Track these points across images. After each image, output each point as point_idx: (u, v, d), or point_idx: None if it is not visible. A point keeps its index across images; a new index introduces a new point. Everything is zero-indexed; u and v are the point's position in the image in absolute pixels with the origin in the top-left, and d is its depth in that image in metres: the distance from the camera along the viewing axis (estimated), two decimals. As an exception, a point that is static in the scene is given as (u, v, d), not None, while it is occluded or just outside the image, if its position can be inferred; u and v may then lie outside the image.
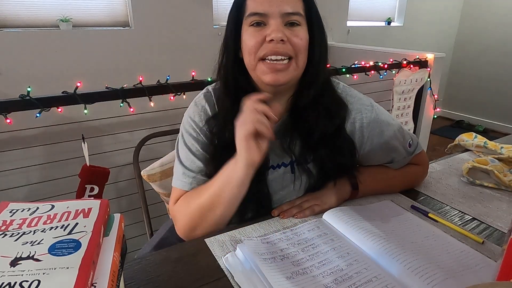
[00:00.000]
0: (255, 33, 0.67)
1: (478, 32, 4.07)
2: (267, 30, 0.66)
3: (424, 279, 0.53)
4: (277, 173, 0.77)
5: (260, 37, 0.67)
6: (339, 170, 0.77)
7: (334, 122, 0.73)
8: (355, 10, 3.38)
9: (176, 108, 1.50)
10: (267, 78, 0.68)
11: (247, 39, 0.68)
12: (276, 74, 0.67)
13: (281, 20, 0.66)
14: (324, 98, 0.73)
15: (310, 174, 0.76)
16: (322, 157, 0.74)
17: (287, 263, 0.58)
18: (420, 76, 2.21)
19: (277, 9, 0.66)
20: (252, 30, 0.68)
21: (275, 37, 0.65)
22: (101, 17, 2.20)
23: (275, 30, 0.65)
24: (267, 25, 0.67)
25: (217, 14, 2.52)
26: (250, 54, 0.68)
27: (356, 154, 0.78)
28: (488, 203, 0.81)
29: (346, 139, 0.76)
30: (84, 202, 0.50)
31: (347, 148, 0.76)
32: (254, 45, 0.67)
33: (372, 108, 0.78)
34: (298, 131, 0.74)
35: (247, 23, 0.68)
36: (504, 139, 1.23)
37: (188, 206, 0.74)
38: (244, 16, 0.69)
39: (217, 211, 0.70)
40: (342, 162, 0.75)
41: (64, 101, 1.29)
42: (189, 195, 0.76)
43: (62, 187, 1.60)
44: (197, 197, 0.73)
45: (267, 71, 0.68)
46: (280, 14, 0.66)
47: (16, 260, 0.38)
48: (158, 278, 0.57)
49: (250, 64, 0.70)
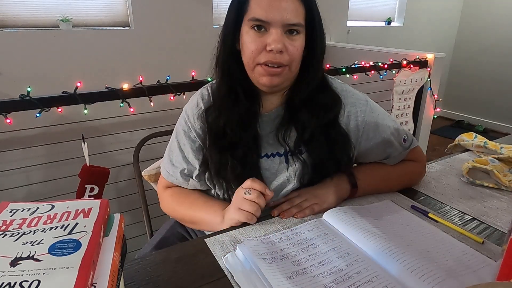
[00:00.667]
0: (256, 38, 0.69)
1: (478, 32, 4.07)
2: (268, 38, 0.68)
3: (424, 279, 0.53)
4: (271, 161, 0.79)
5: (261, 44, 0.69)
6: (335, 163, 0.78)
7: (327, 116, 0.76)
8: (355, 10, 3.38)
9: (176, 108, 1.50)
10: (263, 80, 0.72)
11: (248, 42, 0.70)
12: (271, 77, 0.71)
13: (282, 29, 0.68)
14: (319, 95, 0.77)
15: (304, 164, 0.78)
16: (316, 148, 0.76)
17: (287, 263, 0.58)
18: (420, 76, 2.21)
19: (280, 19, 0.67)
20: (253, 34, 0.70)
21: (275, 48, 0.68)
22: (101, 17, 2.20)
23: (276, 41, 0.68)
24: (268, 32, 0.69)
25: (217, 14, 2.52)
26: (250, 58, 0.71)
27: (352, 146, 0.79)
28: (488, 203, 0.81)
29: (340, 131, 0.78)
30: (84, 202, 0.50)
31: (341, 140, 0.78)
32: (254, 51, 0.70)
33: (366, 103, 0.81)
34: (293, 123, 0.77)
35: (248, 24, 0.70)
36: (504, 139, 1.23)
37: (174, 205, 0.84)
38: (247, 16, 0.70)
39: (197, 226, 0.84)
40: (337, 153, 0.77)
41: (64, 101, 1.29)
42: (179, 197, 0.84)
43: (62, 187, 1.60)
44: (183, 206, 0.83)
45: (264, 73, 0.71)
46: (282, 24, 0.68)
47: (16, 260, 0.38)
48: (158, 278, 0.57)
49: (248, 65, 0.73)
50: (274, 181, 0.79)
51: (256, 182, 0.69)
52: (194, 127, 0.80)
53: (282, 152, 0.79)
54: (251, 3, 0.69)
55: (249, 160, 0.76)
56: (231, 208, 0.72)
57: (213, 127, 0.77)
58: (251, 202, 0.69)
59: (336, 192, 0.78)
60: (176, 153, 0.82)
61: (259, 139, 0.78)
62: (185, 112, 0.82)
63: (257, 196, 0.69)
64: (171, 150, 0.84)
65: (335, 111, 0.77)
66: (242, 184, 0.71)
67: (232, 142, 0.75)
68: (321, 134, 0.76)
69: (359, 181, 0.80)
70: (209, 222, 0.77)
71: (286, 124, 0.77)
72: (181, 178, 0.82)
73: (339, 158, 0.78)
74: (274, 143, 0.79)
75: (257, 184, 0.69)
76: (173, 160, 0.83)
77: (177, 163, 0.82)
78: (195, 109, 0.80)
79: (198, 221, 0.80)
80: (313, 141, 0.76)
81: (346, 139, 0.78)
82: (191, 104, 0.82)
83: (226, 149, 0.75)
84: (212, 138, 0.77)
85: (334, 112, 0.77)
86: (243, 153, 0.75)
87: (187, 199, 0.82)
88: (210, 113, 0.78)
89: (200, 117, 0.79)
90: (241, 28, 0.72)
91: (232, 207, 0.72)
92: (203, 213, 0.79)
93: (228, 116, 0.74)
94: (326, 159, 0.77)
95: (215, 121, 0.76)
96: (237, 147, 0.75)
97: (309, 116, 0.75)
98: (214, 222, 0.75)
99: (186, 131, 0.81)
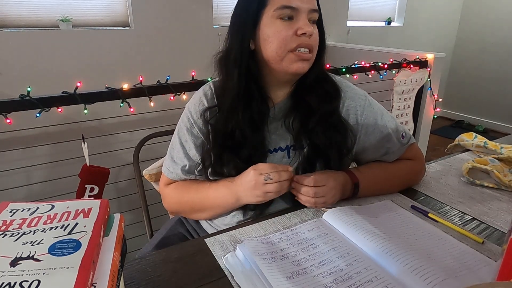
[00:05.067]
0: (286, 26, 0.71)
1: (478, 32, 4.07)
2: (297, 24, 0.71)
3: (424, 279, 0.53)
4: (274, 157, 0.80)
5: (291, 30, 0.71)
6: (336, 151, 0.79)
7: (332, 103, 0.78)
8: (355, 10, 3.38)
9: (176, 108, 1.50)
10: (295, 66, 0.73)
11: (277, 31, 0.72)
12: (302, 63, 0.73)
13: (307, 15, 0.72)
14: (323, 82, 0.79)
15: (305, 159, 0.79)
16: (319, 134, 0.77)
17: (287, 263, 0.58)
18: (420, 76, 2.21)
19: (307, 5, 0.71)
20: (281, 23, 0.72)
21: (308, 31, 0.71)
22: (101, 17, 2.20)
23: (307, 25, 0.71)
24: (295, 19, 0.71)
25: (217, 14, 2.52)
26: (280, 46, 0.72)
27: (351, 135, 0.80)
28: (488, 203, 0.81)
29: (340, 120, 0.80)
30: (84, 202, 0.50)
31: (342, 127, 0.79)
32: (286, 38, 0.71)
33: (365, 98, 0.83)
34: (299, 111, 0.79)
35: (274, 15, 0.71)
36: (504, 139, 1.23)
37: (181, 196, 0.83)
38: (270, 9, 0.71)
39: (205, 213, 0.82)
40: (337, 140, 0.78)
41: (64, 101, 1.29)
42: (183, 186, 0.83)
43: (62, 187, 1.61)
44: (191, 192, 0.81)
45: (296, 59, 0.72)
46: (308, 10, 0.71)
47: (16, 260, 0.38)
48: (158, 278, 0.57)
49: (277, 55, 0.73)
50: None
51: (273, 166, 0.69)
52: (197, 124, 0.80)
53: (284, 146, 0.80)
54: None
55: (254, 160, 0.76)
56: (249, 190, 0.71)
57: (218, 128, 0.77)
58: (275, 184, 0.69)
59: (341, 194, 0.78)
60: (177, 150, 0.83)
61: (266, 136, 0.79)
62: (187, 109, 0.83)
63: (278, 178, 0.69)
64: (173, 148, 0.84)
65: (337, 100, 0.80)
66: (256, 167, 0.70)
67: (238, 143, 0.75)
68: (324, 122, 0.77)
69: (361, 185, 0.80)
70: (221, 203, 0.77)
71: (293, 112, 0.79)
72: (182, 175, 0.82)
73: (340, 146, 0.79)
74: (276, 138, 0.80)
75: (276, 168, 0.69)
76: (174, 157, 0.83)
77: (178, 160, 0.82)
78: (198, 106, 0.81)
79: (208, 206, 0.79)
80: (315, 130, 0.77)
81: (346, 128, 0.80)
82: (193, 101, 0.82)
83: (232, 148, 0.76)
84: (216, 139, 0.77)
85: (337, 101, 0.80)
86: (249, 153, 0.76)
87: (192, 186, 0.82)
88: (213, 112, 0.78)
89: (203, 114, 0.79)
90: (260, 23, 0.73)
91: (251, 191, 0.71)
92: (214, 192, 0.78)
93: (239, 118, 0.74)
94: (327, 148, 0.78)
95: (221, 122, 0.76)
96: (243, 148, 0.75)
97: (317, 100, 0.77)
98: (228, 203, 0.76)
99: (189, 128, 0.81)
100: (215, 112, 0.78)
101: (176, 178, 0.84)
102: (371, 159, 0.86)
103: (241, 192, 0.72)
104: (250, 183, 0.70)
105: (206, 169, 0.79)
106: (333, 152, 0.78)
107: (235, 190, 0.73)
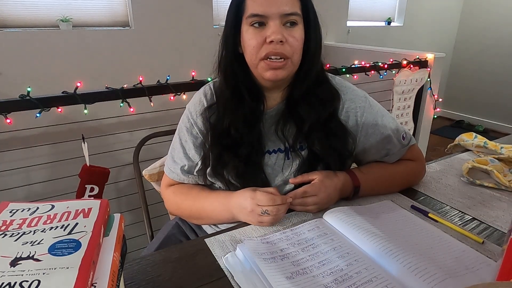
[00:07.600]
0: (256, 34, 0.71)
1: (478, 32, 4.07)
2: (267, 31, 0.70)
3: (424, 279, 0.53)
4: (273, 158, 0.80)
5: (261, 38, 0.70)
6: (336, 156, 0.78)
7: (326, 110, 0.77)
8: (355, 10, 3.38)
9: (176, 108, 1.50)
10: (267, 74, 0.73)
11: (249, 39, 0.72)
12: (275, 71, 0.72)
13: (280, 21, 0.70)
14: (317, 89, 0.78)
15: (304, 160, 0.79)
16: (316, 142, 0.77)
17: (287, 263, 0.58)
18: (420, 76, 2.21)
19: (276, 11, 0.69)
20: (252, 31, 0.71)
21: (275, 39, 0.69)
22: (101, 17, 2.20)
23: (275, 32, 0.69)
24: (267, 26, 0.70)
25: (217, 14, 2.52)
26: (252, 54, 0.72)
27: (351, 140, 0.79)
28: (488, 203, 0.81)
29: (339, 125, 0.79)
30: (84, 202, 0.50)
31: (340, 132, 0.78)
32: (256, 46, 0.71)
33: (365, 99, 0.83)
34: (293, 118, 0.78)
35: (247, 22, 0.71)
36: (504, 139, 1.23)
37: (179, 202, 0.84)
38: (244, 16, 0.72)
39: (203, 221, 0.84)
40: (337, 146, 0.78)
41: (64, 101, 1.29)
42: (182, 193, 0.83)
43: (62, 187, 1.61)
44: (189, 200, 0.82)
45: (267, 68, 0.72)
46: (279, 15, 0.69)
47: (16, 260, 0.38)
48: (158, 278, 0.57)
49: (251, 62, 0.74)
50: (277, 177, 0.80)
51: (271, 199, 0.68)
52: (197, 124, 0.81)
53: (283, 148, 0.80)
54: (247, 2, 0.71)
55: (253, 159, 0.76)
56: (245, 214, 0.71)
57: (216, 126, 0.78)
58: (270, 217, 0.69)
59: (339, 196, 0.78)
60: (177, 150, 0.83)
61: (262, 136, 0.79)
62: (188, 110, 0.84)
63: (276, 212, 0.69)
64: (173, 147, 0.85)
65: (333, 105, 0.78)
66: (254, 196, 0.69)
67: (236, 141, 0.76)
68: (321, 128, 0.77)
69: (362, 185, 0.79)
70: (217, 217, 0.78)
71: (286, 119, 0.78)
72: (181, 174, 0.83)
73: (340, 152, 0.78)
74: (275, 140, 0.80)
75: (274, 201, 0.68)
76: (175, 156, 0.84)
77: (178, 159, 0.83)
78: (197, 106, 0.82)
79: (204, 216, 0.80)
80: (312, 136, 0.77)
81: (345, 132, 0.79)
82: (193, 102, 0.84)
83: (229, 148, 0.76)
84: (215, 137, 0.78)
85: (333, 106, 0.78)
86: (247, 152, 0.76)
87: (190, 194, 0.82)
88: (212, 111, 0.79)
89: (202, 114, 0.80)
90: (241, 29, 0.73)
91: (245, 216, 0.71)
92: (208, 207, 0.79)
93: (233, 116, 0.75)
94: (327, 153, 0.77)
95: (218, 120, 0.77)
96: (241, 146, 0.76)
97: (308, 110, 0.76)
98: (223, 218, 0.76)
99: (189, 128, 0.82)
100: (214, 110, 0.79)
101: (176, 178, 0.84)
102: (371, 160, 0.85)
103: (237, 213, 0.73)
104: (246, 209, 0.70)
105: (205, 169, 0.79)
106: (333, 157, 0.78)
107: (230, 208, 0.74)
